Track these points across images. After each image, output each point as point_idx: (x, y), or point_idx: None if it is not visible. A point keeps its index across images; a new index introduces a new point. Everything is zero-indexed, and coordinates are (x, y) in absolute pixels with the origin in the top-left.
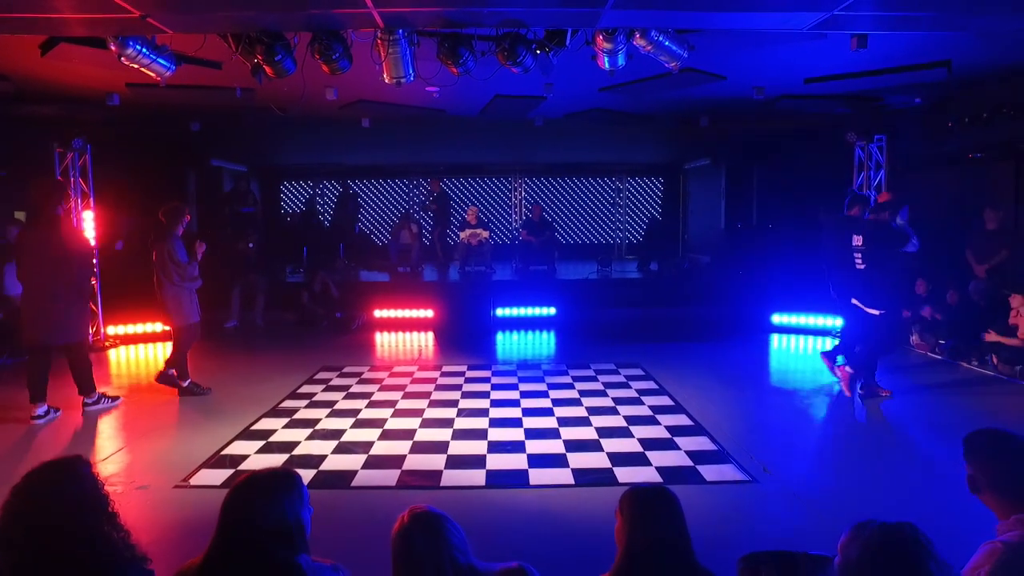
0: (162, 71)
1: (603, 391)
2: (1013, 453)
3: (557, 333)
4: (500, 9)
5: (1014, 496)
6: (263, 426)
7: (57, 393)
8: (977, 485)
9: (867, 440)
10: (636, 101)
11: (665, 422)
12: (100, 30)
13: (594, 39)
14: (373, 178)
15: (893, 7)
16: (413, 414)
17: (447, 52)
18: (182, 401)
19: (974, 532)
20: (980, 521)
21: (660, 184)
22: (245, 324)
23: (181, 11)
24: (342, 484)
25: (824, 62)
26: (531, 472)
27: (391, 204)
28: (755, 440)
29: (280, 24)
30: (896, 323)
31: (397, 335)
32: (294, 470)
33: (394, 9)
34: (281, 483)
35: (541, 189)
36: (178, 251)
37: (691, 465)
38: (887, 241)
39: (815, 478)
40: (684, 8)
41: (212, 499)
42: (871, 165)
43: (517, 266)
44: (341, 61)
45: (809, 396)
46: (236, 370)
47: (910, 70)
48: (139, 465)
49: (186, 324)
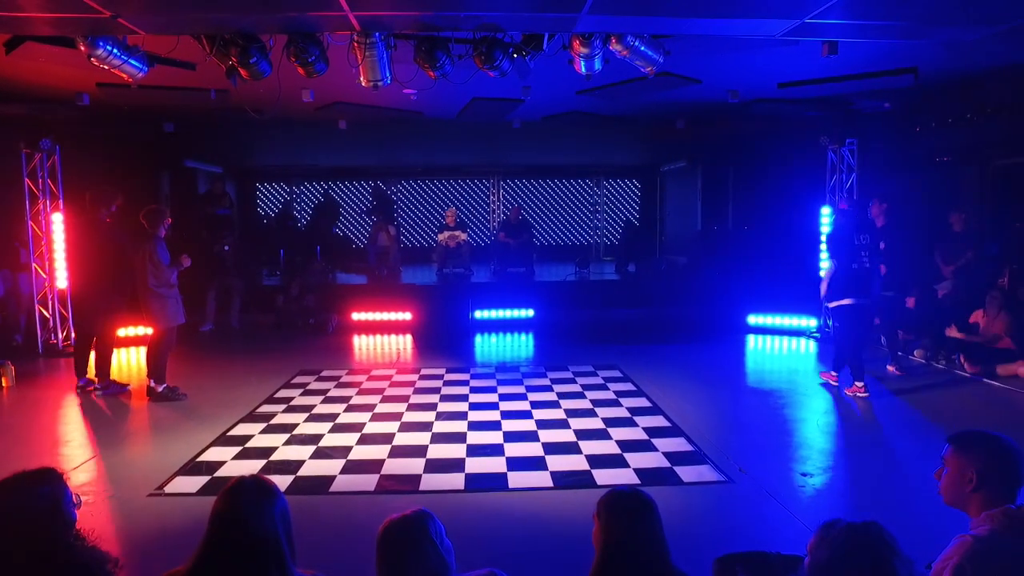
0: (134, 72)
1: (581, 393)
2: (1002, 453)
3: (535, 335)
4: (477, 14)
5: (997, 495)
6: (240, 431)
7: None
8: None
9: (841, 440)
10: (613, 104)
11: (643, 424)
12: (69, 30)
13: (571, 43)
14: (350, 179)
15: (859, 16)
16: (391, 418)
17: (424, 55)
18: (158, 406)
19: (950, 529)
20: (956, 519)
21: (637, 186)
22: (220, 327)
23: (153, 12)
24: (321, 490)
25: (797, 67)
26: (510, 475)
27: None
28: (731, 441)
29: (255, 26)
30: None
31: (375, 338)
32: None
33: (371, 13)
34: (270, 490)
35: (519, 190)
36: (160, 253)
37: (668, 466)
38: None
39: (789, 478)
40: (659, 14)
41: (188, 507)
42: (843, 168)
43: (495, 268)
44: (317, 64)
45: (784, 396)
46: (212, 374)
47: (879, 76)
48: (113, 472)
49: (169, 326)
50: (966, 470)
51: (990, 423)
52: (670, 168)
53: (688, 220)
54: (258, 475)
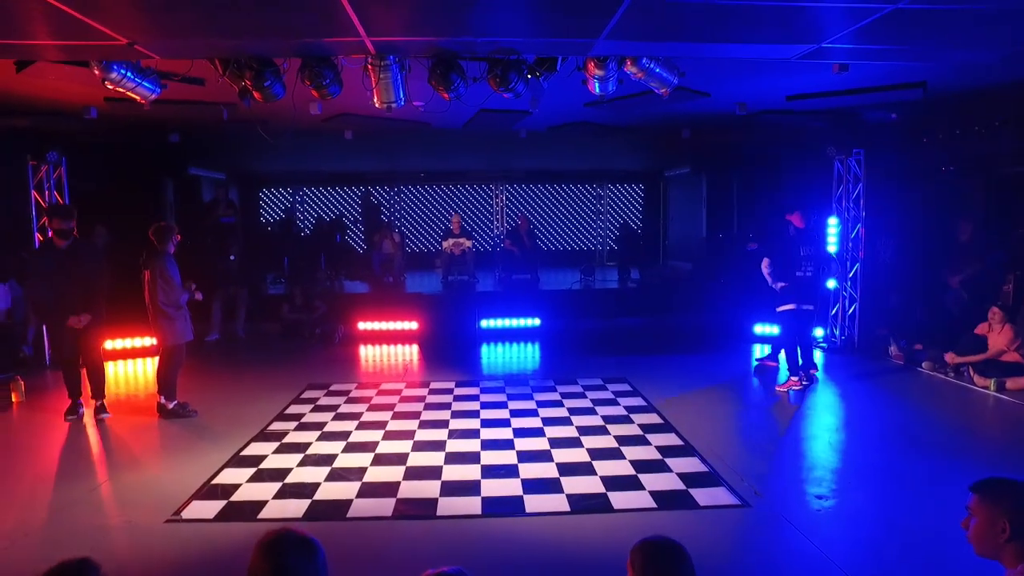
0: (147, 94)
1: (592, 409)
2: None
3: (542, 345)
4: (494, 39)
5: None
6: (253, 451)
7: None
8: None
9: (853, 460)
10: (620, 115)
11: (655, 442)
12: (84, 56)
13: (585, 65)
14: (354, 185)
15: (874, 42)
16: (404, 436)
17: (439, 78)
18: (169, 424)
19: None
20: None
21: (641, 190)
22: (227, 337)
23: (169, 38)
24: (338, 515)
25: (806, 81)
26: (526, 499)
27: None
28: (744, 460)
29: (270, 51)
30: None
31: (382, 348)
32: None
33: (387, 38)
34: (312, 545)
35: (523, 196)
36: (170, 269)
37: (684, 488)
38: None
39: (804, 501)
40: (677, 39)
41: (206, 534)
42: (850, 178)
43: (500, 275)
44: (332, 87)
45: (793, 410)
46: (221, 388)
47: (888, 90)
48: (129, 495)
49: (178, 344)
50: (997, 520)
51: (1007, 441)
52: (674, 174)
53: (692, 227)
54: (297, 530)
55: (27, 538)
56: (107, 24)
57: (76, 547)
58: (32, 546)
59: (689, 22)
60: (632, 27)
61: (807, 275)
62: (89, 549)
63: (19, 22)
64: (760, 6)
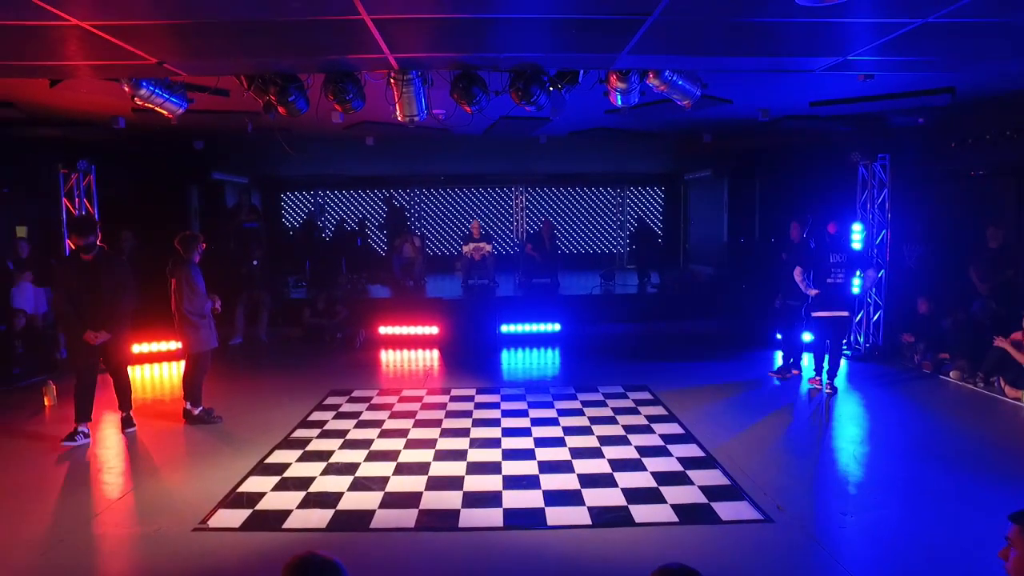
0: (174, 109)
1: (613, 418)
2: None
3: (562, 351)
4: (517, 55)
5: None
6: (277, 459)
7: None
8: None
9: (879, 474)
10: (641, 121)
11: (677, 453)
12: (115, 74)
13: (607, 78)
14: (375, 188)
15: (902, 53)
16: (426, 445)
17: (461, 92)
18: (194, 430)
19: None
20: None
21: (661, 193)
22: (249, 340)
23: (197, 58)
24: (361, 526)
25: (830, 88)
26: (548, 511)
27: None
28: (767, 473)
29: (295, 67)
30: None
31: (403, 353)
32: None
33: (410, 55)
34: (337, 570)
35: (542, 199)
36: (196, 278)
37: (706, 502)
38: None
39: (829, 517)
40: (700, 54)
41: (232, 544)
42: (875, 183)
43: (520, 279)
44: (355, 101)
45: (816, 421)
46: (244, 394)
47: (915, 95)
48: (157, 502)
49: (203, 351)
50: None
51: None
52: (694, 177)
53: (713, 230)
54: (321, 553)
55: (61, 545)
56: (138, 46)
57: (110, 556)
58: (66, 556)
59: (713, 37)
60: (655, 42)
61: (838, 282)
62: (122, 557)
63: (56, 45)
64: (786, 23)
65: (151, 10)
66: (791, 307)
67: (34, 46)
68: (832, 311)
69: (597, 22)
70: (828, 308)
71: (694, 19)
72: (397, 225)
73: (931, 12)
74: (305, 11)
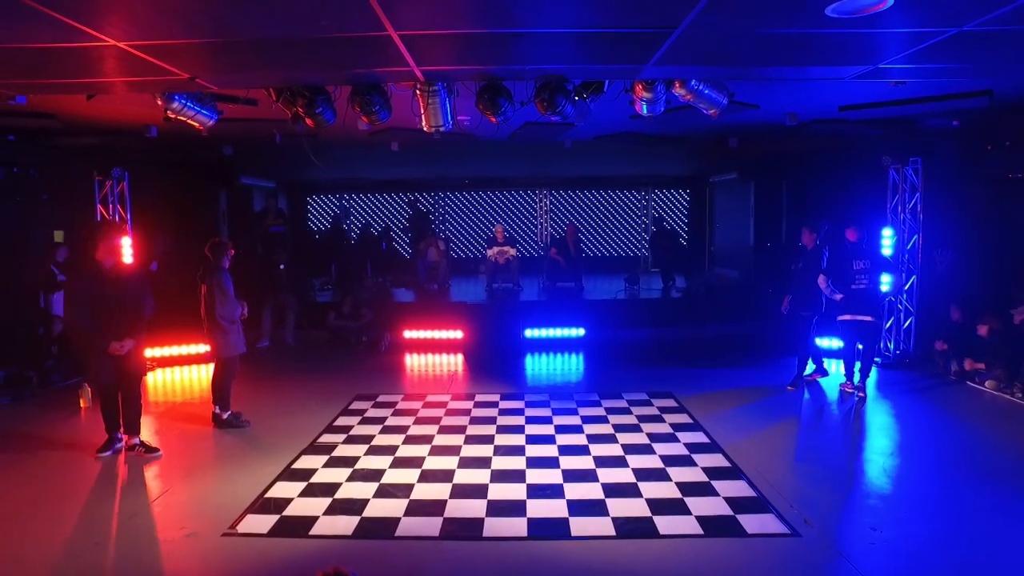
0: (205, 121)
1: (637, 426)
2: None
3: (586, 356)
4: (542, 67)
5: None
6: (304, 464)
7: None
8: None
9: (909, 487)
10: (666, 126)
11: (702, 463)
12: (149, 89)
13: (633, 87)
14: (400, 191)
15: (935, 61)
16: (450, 452)
17: (486, 103)
18: (222, 433)
19: None
20: None
21: (686, 196)
22: (277, 344)
23: (228, 73)
24: (386, 533)
25: (861, 92)
26: (572, 521)
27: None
28: (793, 485)
29: (323, 80)
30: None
31: (427, 357)
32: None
33: (435, 67)
34: None
35: (566, 202)
36: (226, 283)
37: (731, 514)
38: None
39: (857, 532)
40: (727, 65)
41: (260, 549)
42: (906, 187)
43: (544, 283)
44: (381, 113)
45: (844, 431)
46: (271, 398)
47: (950, 99)
48: (188, 507)
49: (231, 355)
50: None
51: None
52: (720, 179)
53: (739, 234)
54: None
55: (97, 548)
56: (171, 63)
57: (144, 559)
58: (103, 557)
59: (740, 49)
60: (682, 54)
61: (861, 287)
62: (157, 561)
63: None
64: (815, 34)
65: (185, 30)
66: (802, 317)
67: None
68: (857, 315)
69: (623, 35)
70: (853, 312)
71: (721, 32)
72: (422, 229)
73: (968, 20)
74: (333, 28)
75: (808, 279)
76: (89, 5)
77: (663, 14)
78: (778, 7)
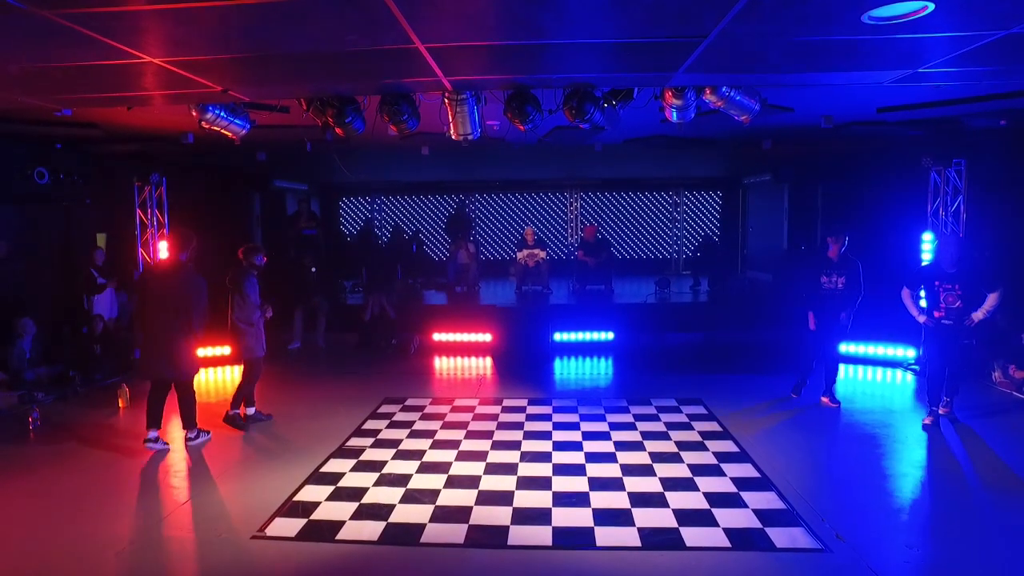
0: (238, 131)
1: (665, 433)
2: None
3: (615, 360)
4: (570, 75)
5: None
6: (331, 468)
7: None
8: None
9: (946, 502)
10: (698, 129)
11: (731, 473)
12: (184, 101)
13: (662, 94)
14: (430, 194)
15: (978, 64)
16: (477, 457)
17: (515, 111)
18: (252, 434)
19: None
20: None
21: (718, 198)
22: (307, 346)
23: (260, 85)
24: (411, 540)
25: (900, 94)
26: (597, 531)
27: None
28: (825, 497)
29: (352, 91)
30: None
31: (456, 360)
32: None
33: (463, 77)
34: None
35: (597, 203)
36: (249, 289)
37: (759, 527)
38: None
39: (892, 548)
40: (759, 72)
41: (288, 553)
42: (948, 190)
43: (574, 286)
44: (410, 122)
45: (879, 442)
46: (301, 399)
47: (996, 99)
48: (218, 508)
49: (252, 358)
50: None
51: None
52: (753, 181)
53: (773, 236)
54: None
55: (132, 547)
56: (205, 77)
57: (177, 560)
58: (138, 557)
59: (773, 55)
60: (713, 61)
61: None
62: (189, 562)
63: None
64: (851, 40)
65: (218, 47)
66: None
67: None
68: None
69: (652, 45)
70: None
71: (753, 39)
72: (463, 232)
73: (1017, 23)
74: (362, 42)
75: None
76: (129, 26)
77: (692, 24)
78: (814, 15)
